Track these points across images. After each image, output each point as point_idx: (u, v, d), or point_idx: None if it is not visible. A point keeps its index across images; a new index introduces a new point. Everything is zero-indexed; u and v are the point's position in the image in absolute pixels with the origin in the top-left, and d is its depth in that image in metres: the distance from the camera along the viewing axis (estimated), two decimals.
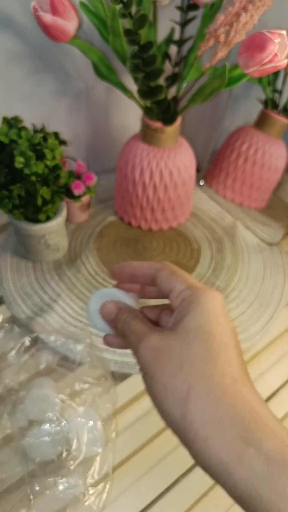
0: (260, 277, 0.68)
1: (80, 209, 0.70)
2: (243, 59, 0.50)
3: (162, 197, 0.66)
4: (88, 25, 0.61)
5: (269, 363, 0.57)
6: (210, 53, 0.53)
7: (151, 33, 0.58)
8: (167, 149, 0.63)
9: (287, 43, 0.49)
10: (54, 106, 0.69)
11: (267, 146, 0.73)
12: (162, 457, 0.46)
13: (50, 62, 0.63)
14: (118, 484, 0.44)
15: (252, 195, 0.80)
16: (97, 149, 0.82)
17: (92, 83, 0.70)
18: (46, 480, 0.42)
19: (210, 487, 0.44)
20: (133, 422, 0.49)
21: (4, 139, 0.49)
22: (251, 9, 0.49)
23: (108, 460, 0.45)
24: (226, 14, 0.50)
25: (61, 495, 0.42)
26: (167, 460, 0.46)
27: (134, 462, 0.46)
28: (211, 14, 0.57)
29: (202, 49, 0.53)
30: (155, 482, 0.45)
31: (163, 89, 0.53)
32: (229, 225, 0.77)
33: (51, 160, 0.51)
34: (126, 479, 0.45)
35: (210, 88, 0.54)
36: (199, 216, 0.79)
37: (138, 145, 0.64)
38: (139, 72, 0.51)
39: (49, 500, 0.41)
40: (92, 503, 0.42)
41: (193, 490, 0.44)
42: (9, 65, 0.60)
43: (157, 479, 0.45)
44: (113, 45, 0.54)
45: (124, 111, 0.78)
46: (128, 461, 0.46)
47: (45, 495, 0.42)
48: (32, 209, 0.54)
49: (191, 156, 0.67)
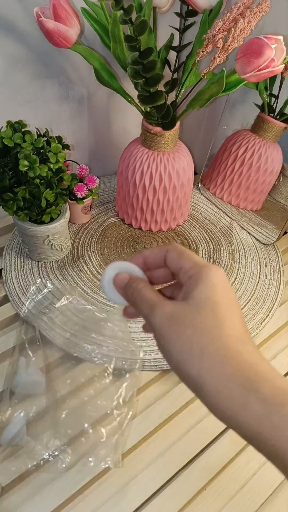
0: (256, 277, 0.69)
1: (83, 211, 0.71)
2: (241, 65, 0.51)
3: (161, 199, 0.68)
4: (89, 31, 0.63)
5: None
6: (209, 58, 0.54)
7: (151, 39, 0.59)
8: (167, 152, 0.65)
9: (283, 48, 0.50)
10: (57, 111, 0.71)
11: (263, 149, 0.75)
12: (161, 451, 0.48)
13: (53, 67, 0.65)
14: (116, 480, 0.45)
15: (248, 197, 0.82)
16: (99, 153, 0.83)
17: (94, 89, 0.71)
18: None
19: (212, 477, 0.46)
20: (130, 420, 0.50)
21: (8, 143, 0.50)
22: (249, 15, 0.50)
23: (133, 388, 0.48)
24: (224, 20, 0.51)
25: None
26: (166, 454, 0.47)
27: (132, 457, 0.47)
28: (210, 20, 0.58)
29: (201, 55, 0.54)
30: (153, 477, 0.46)
31: (162, 95, 0.54)
32: (226, 226, 0.79)
33: (55, 163, 0.52)
34: (124, 475, 0.46)
35: (208, 93, 0.56)
36: (197, 217, 0.80)
37: (139, 149, 0.65)
38: (139, 78, 0.52)
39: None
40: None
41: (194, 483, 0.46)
42: (13, 70, 0.61)
43: (155, 474, 0.46)
44: (114, 51, 0.55)
45: (125, 116, 0.79)
46: (127, 456, 0.47)
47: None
48: (36, 211, 0.56)
49: (189, 159, 0.68)
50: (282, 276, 0.70)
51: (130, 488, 0.44)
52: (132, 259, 0.33)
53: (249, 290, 0.67)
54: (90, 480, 0.44)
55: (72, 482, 0.44)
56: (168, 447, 0.48)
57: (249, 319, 0.62)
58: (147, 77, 0.52)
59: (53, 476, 0.44)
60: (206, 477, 0.46)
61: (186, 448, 0.48)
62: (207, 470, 0.47)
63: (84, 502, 0.43)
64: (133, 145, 0.67)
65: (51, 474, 0.44)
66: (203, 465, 0.47)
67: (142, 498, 0.44)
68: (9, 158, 0.51)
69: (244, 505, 0.44)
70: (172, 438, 0.49)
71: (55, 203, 0.57)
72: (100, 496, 0.44)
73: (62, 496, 0.43)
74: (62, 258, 0.67)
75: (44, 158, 0.52)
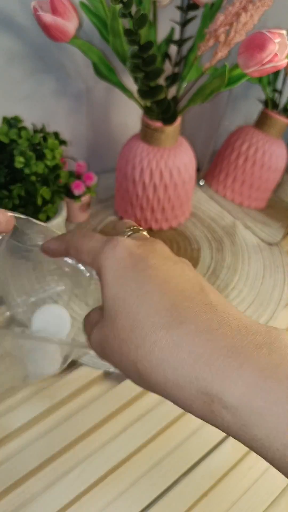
0: (260, 277, 0.68)
1: (80, 209, 0.70)
2: (243, 59, 0.50)
3: (162, 196, 0.67)
4: (88, 25, 0.61)
5: None
6: (210, 53, 0.53)
7: (151, 33, 0.59)
8: (167, 149, 0.63)
9: (287, 43, 0.49)
10: (54, 106, 0.70)
11: (267, 146, 0.74)
12: (162, 457, 0.47)
13: (50, 62, 0.64)
14: (116, 486, 0.44)
15: (252, 195, 0.80)
16: (97, 149, 0.82)
17: (92, 83, 0.70)
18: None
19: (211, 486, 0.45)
20: (132, 423, 0.49)
21: (4, 139, 0.49)
22: (251, 9, 0.49)
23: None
24: (226, 14, 0.50)
25: None
26: (168, 459, 0.46)
27: (132, 464, 0.46)
28: (211, 14, 0.57)
29: (202, 49, 0.53)
30: (154, 483, 0.45)
31: (163, 89, 0.53)
32: (229, 225, 0.77)
33: (51, 160, 0.51)
34: (124, 481, 0.44)
35: (210, 88, 0.55)
36: (199, 216, 0.79)
37: (138, 145, 0.64)
38: (139, 72, 0.51)
39: None
40: None
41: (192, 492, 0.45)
42: (9, 65, 0.60)
43: (156, 480, 0.45)
44: (113, 45, 0.54)
45: (124, 111, 0.78)
46: (126, 463, 0.46)
47: None
48: (32, 209, 0.54)
49: (191, 156, 0.67)
50: (287, 277, 0.68)
51: (130, 494, 0.43)
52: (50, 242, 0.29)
53: (253, 291, 0.65)
54: (88, 486, 0.43)
55: (71, 488, 0.43)
56: (168, 453, 0.47)
57: None
58: (147, 71, 0.51)
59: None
60: (208, 483, 0.45)
61: (187, 454, 0.47)
62: (208, 476, 0.46)
63: (82, 509, 0.42)
64: (133, 141, 0.65)
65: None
66: (205, 471, 0.46)
67: (142, 504, 0.43)
68: (4, 155, 0.50)
69: (247, 511, 0.43)
70: (173, 443, 0.48)
71: (51, 201, 0.55)
72: (99, 502, 0.43)
73: (60, 501, 0.42)
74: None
75: (41, 154, 0.51)
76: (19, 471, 0.44)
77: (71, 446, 0.46)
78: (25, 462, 0.44)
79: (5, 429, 0.47)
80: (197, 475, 0.45)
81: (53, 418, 0.48)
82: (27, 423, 0.47)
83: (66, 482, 0.43)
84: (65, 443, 0.46)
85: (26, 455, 0.45)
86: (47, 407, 0.49)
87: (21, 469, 0.44)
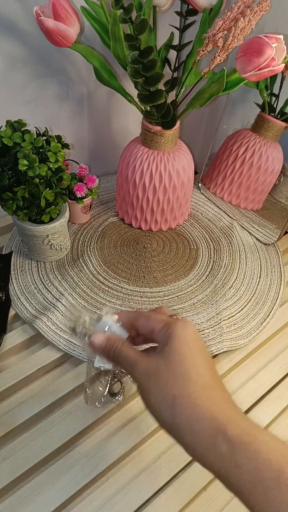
0: (257, 277, 0.69)
1: (82, 211, 0.71)
2: (241, 64, 0.51)
3: (161, 198, 0.68)
4: (89, 30, 0.63)
5: (266, 360, 0.58)
6: (209, 57, 0.54)
7: (151, 38, 0.59)
8: (167, 152, 0.65)
9: (284, 47, 0.50)
10: (57, 110, 0.70)
11: (263, 149, 0.75)
12: (163, 450, 0.47)
13: (53, 67, 0.64)
14: (116, 481, 0.45)
15: (249, 196, 0.82)
16: (99, 152, 0.83)
17: (94, 88, 0.71)
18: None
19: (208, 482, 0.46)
20: (133, 418, 0.50)
21: (8, 142, 0.50)
22: (249, 14, 0.50)
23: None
24: (224, 19, 0.51)
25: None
26: (168, 453, 0.47)
27: (133, 458, 0.47)
28: (210, 19, 0.58)
29: (201, 54, 0.54)
30: (154, 478, 0.45)
31: (162, 94, 0.54)
32: (226, 226, 0.79)
33: (54, 162, 0.52)
34: (125, 475, 0.45)
35: (209, 92, 0.55)
36: (197, 217, 0.80)
37: (139, 148, 0.65)
38: (139, 77, 0.51)
39: None
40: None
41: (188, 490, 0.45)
42: (13, 69, 0.61)
43: (156, 474, 0.46)
44: (114, 50, 0.55)
45: (124, 115, 0.79)
46: (127, 457, 0.47)
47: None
48: (36, 211, 0.55)
49: (189, 159, 0.68)
50: (283, 276, 0.70)
51: (130, 488, 0.44)
52: (120, 314, 0.37)
53: (250, 290, 0.66)
54: (89, 481, 0.44)
55: (72, 482, 0.44)
56: (168, 447, 0.48)
57: (249, 319, 0.61)
58: (147, 76, 0.51)
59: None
60: (207, 477, 0.46)
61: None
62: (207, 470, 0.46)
63: (84, 503, 0.43)
64: (133, 144, 0.67)
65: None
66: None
67: (142, 498, 0.44)
68: (8, 158, 0.51)
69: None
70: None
71: (54, 203, 0.56)
72: (100, 496, 0.43)
73: (62, 496, 0.43)
74: (62, 258, 0.67)
75: (44, 157, 0.52)
76: (22, 465, 0.45)
77: (72, 442, 0.47)
78: (28, 458, 0.45)
79: (11, 424, 0.47)
80: (196, 469, 0.46)
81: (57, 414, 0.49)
82: (31, 418, 0.48)
83: (67, 478, 0.44)
84: (65, 440, 0.47)
85: (30, 451, 0.46)
86: (48, 404, 0.50)
87: (23, 464, 0.45)
